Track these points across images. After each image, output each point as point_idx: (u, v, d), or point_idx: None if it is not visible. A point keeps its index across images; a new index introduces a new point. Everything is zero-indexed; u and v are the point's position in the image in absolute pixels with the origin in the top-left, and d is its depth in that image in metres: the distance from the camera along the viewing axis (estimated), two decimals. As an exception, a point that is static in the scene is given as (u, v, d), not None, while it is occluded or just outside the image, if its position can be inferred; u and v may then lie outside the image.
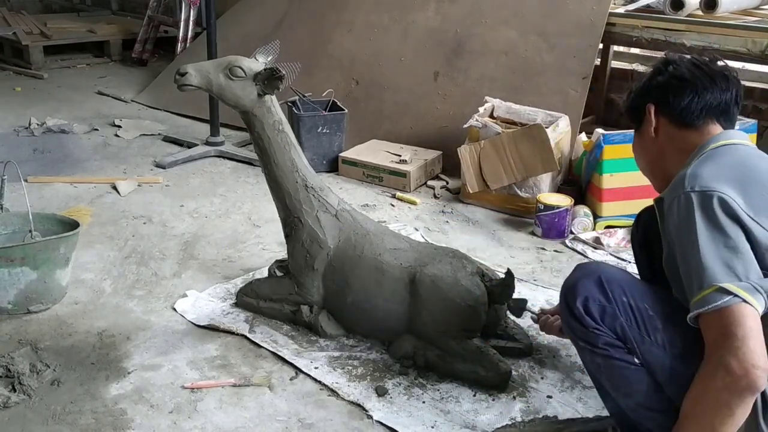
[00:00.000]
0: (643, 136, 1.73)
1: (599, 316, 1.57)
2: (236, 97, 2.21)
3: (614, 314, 1.57)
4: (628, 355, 1.58)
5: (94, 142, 4.36)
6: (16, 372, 2.08)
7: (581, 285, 1.60)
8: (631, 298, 1.57)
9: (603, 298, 1.57)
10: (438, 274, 2.14)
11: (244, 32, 5.06)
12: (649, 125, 1.70)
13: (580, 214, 3.16)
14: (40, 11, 8.00)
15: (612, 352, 1.58)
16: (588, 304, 1.58)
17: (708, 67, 1.66)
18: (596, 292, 1.58)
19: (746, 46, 3.51)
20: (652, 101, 1.69)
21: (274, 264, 2.64)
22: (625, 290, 1.58)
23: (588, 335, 1.59)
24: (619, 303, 1.57)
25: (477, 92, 3.92)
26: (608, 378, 1.64)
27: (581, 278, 1.62)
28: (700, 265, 1.42)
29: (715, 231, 1.43)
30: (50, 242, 2.43)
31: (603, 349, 1.58)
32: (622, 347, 1.58)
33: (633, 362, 1.58)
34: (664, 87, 1.67)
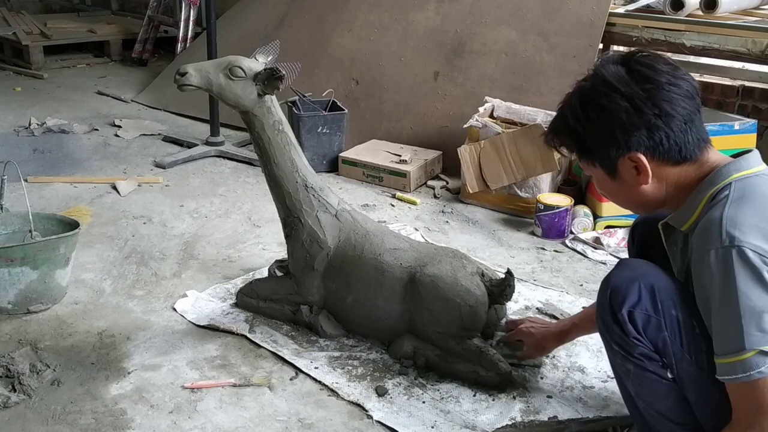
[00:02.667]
0: (628, 183, 1.50)
1: (643, 326, 1.48)
2: (236, 97, 2.21)
3: (660, 327, 1.48)
4: (662, 369, 1.51)
5: (94, 142, 4.36)
6: (16, 372, 2.08)
7: (631, 289, 1.49)
8: (680, 312, 1.47)
9: (652, 308, 1.48)
10: (438, 274, 2.14)
11: (244, 32, 5.06)
12: (638, 176, 1.47)
13: (580, 214, 3.16)
14: (40, 11, 8.01)
15: (646, 364, 1.51)
16: (634, 311, 1.48)
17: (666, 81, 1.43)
18: (646, 300, 1.48)
19: (746, 46, 3.51)
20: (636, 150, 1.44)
21: (274, 264, 2.64)
22: (675, 303, 1.48)
23: (626, 342, 1.51)
24: (666, 316, 1.47)
25: (477, 92, 3.92)
26: (635, 385, 1.58)
27: (632, 281, 1.50)
28: (739, 328, 1.30)
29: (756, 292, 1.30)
30: (50, 242, 2.43)
31: (638, 359, 1.51)
32: (657, 360, 1.50)
33: (666, 377, 1.50)
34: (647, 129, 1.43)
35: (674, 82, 1.43)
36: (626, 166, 1.48)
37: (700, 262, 1.38)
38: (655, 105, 1.42)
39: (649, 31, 3.79)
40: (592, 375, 2.17)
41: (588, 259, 2.94)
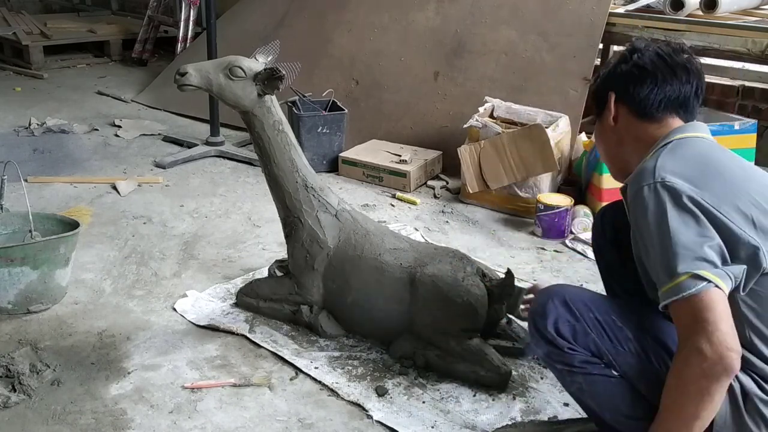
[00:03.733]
0: (603, 123, 1.72)
1: (571, 335, 1.58)
2: (236, 97, 2.21)
3: (585, 331, 1.57)
4: (607, 369, 1.58)
5: (94, 142, 4.36)
6: (16, 372, 2.08)
7: (548, 308, 1.60)
8: (597, 313, 1.58)
9: (571, 317, 1.58)
10: (438, 274, 2.14)
11: (244, 32, 5.06)
12: (608, 113, 1.69)
13: (580, 214, 3.16)
14: (40, 11, 8.00)
15: (590, 369, 1.58)
16: (558, 325, 1.58)
17: (671, 58, 1.63)
18: (564, 312, 1.58)
19: (746, 46, 3.51)
20: (613, 89, 1.68)
21: (274, 264, 2.64)
22: (590, 306, 1.59)
23: (564, 356, 1.59)
24: (587, 319, 1.57)
25: (477, 92, 3.92)
26: (591, 396, 1.64)
27: (546, 302, 1.61)
28: (672, 253, 1.41)
29: (686, 219, 1.42)
30: (50, 242, 2.43)
31: (581, 367, 1.59)
32: (598, 363, 1.58)
33: (612, 375, 1.58)
34: (626, 76, 1.65)
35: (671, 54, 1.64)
36: (606, 107, 1.69)
37: (633, 199, 1.51)
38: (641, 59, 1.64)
39: (649, 31, 3.79)
40: (592, 375, 2.17)
41: (588, 259, 2.94)
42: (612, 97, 1.67)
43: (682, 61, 1.63)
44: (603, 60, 4.19)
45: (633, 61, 1.65)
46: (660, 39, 1.74)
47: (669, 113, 1.63)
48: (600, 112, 1.74)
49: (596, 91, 1.76)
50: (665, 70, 1.62)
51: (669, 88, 1.61)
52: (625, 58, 1.68)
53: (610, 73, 1.70)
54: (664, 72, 1.62)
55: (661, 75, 1.61)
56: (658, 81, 1.61)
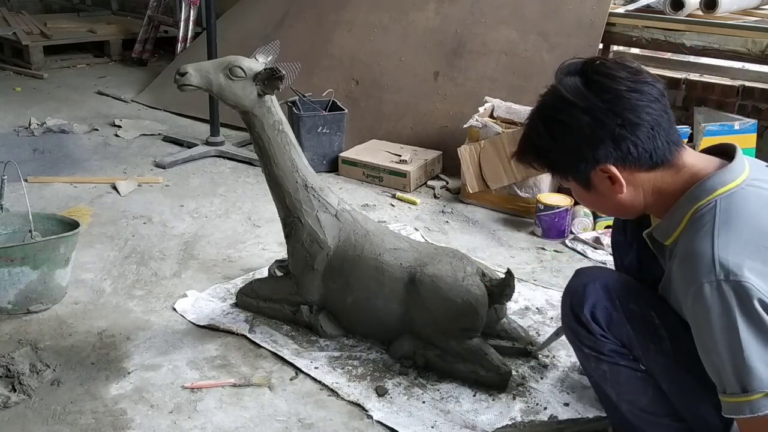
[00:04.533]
0: (604, 194, 1.46)
1: (606, 323, 1.53)
2: (236, 97, 2.21)
3: (621, 321, 1.52)
4: (634, 362, 1.54)
5: (94, 142, 4.36)
6: (16, 372, 2.08)
7: (588, 291, 1.54)
8: (637, 306, 1.52)
9: (610, 304, 1.52)
10: (438, 274, 2.14)
11: (244, 32, 5.06)
12: (613, 186, 1.43)
13: (580, 214, 3.16)
14: (40, 11, 8.00)
15: (618, 360, 1.54)
16: (595, 310, 1.52)
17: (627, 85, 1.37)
18: (604, 299, 1.52)
19: (746, 46, 3.51)
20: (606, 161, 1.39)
21: (274, 264, 2.64)
22: (631, 297, 1.53)
23: (595, 342, 1.55)
24: (625, 310, 1.52)
25: (477, 92, 3.92)
26: (613, 385, 1.60)
27: (588, 284, 1.56)
28: (744, 367, 1.27)
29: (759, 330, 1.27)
30: (50, 242, 2.43)
31: (609, 356, 1.54)
32: (627, 354, 1.54)
33: (639, 369, 1.54)
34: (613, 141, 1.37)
35: (635, 88, 1.37)
36: (599, 178, 1.43)
37: (692, 295, 1.32)
38: (617, 115, 1.36)
39: (649, 31, 3.79)
40: (592, 375, 2.17)
41: (588, 259, 2.94)
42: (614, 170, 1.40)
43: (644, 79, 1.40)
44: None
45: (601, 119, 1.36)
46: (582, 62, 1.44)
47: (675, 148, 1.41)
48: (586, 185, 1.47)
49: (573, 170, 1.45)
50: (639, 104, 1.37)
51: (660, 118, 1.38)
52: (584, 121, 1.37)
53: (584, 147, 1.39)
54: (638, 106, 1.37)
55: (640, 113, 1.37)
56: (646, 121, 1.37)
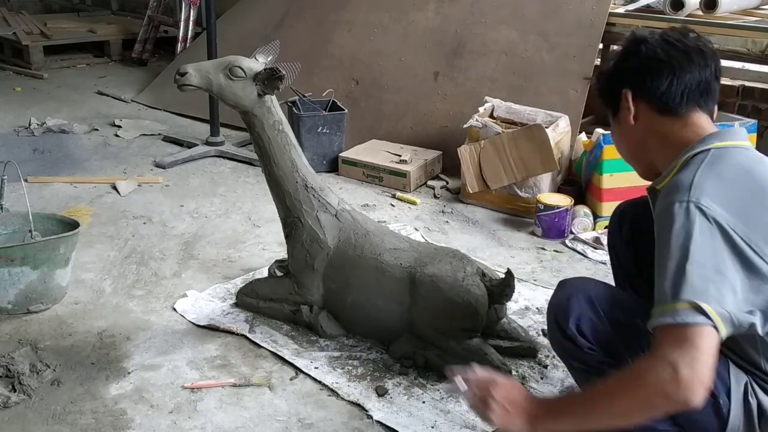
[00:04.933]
0: (621, 123, 1.60)
1: (592, 334, 1.53)
2: (236, 97, 2.21)
3: (607, 332, 1.52)
4: None
5: (94, 142, 4.36)
6: (16, 372, 2.08)
7: (572, 304, 1.54)
8: (623, 315, 1.52)
9: (595, 316, 1.52)
10: (438, 274, 2.14)
11: (244, 32, 5.06)
12: (627, 112, 1.56)
13: (580, 214, 3.16)
14: (40, 11, 8.00)
15: (607, 371, 1.51)
16: (581, 324, 1.52)
17: (682, 44, 1.51)
18: (588, 311, 1.53)
19: (746, 46, 3.51)
20: (627, 86, 1.55)
21: (274, 264, 2.64)
22: (616, 307, 1.53)
23: (582, 356, 1.55)
24: (612, 321, 1.52)
25: (477, 92, 3.92)
26: None
27: (571, 296, 1.56)
28: (683, 275, 1.30)
29: (710, 248, 1.31)
30: (50, 242, 2.43)
31: (597, 368, 1.54)
32: (616, 365, 1.51)
33: None
34: (639, 70, 1.53)
35: (681, 39, 1.52)
36: (622, 106, 1.57)
37: (662, 212, 1.40)
38: (652, 51, 1.52)
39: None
40: (592, 375, 2.17)
41: (588, 259, 2.94)
42: (629, 95, 1.55)
43: (694, 43, 1.52)
44: (603, 60, 4.19)
45: (643, 52, 1.53)
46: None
47: (692, 106, 1.51)
48: (615, 111, 1.62)
49: (605, 89, 1.63)
50: (680, 57, 1.50)
51: (688, 77, 1.50)
52: (632, 51, 1.56)
53: (619, 68, 1.59)
54: (680, 59, 1.50)
55: (677, 63, 1.50)
56: (675, 70, 1.50)
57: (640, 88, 1.54)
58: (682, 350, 1.25)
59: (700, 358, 1.24)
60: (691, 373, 1.23)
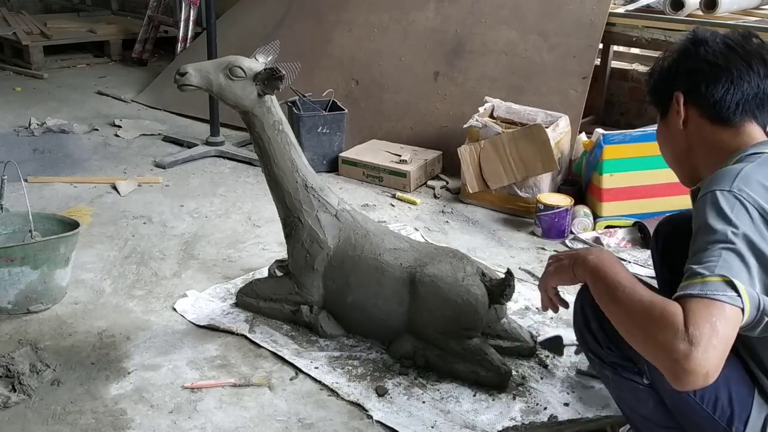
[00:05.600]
0: (669, 125, 1.54)
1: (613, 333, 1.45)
2: (236, 97, 2.21)
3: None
4: (637, 376, 1.51)
5: (94, 142, 4.36)
6: (16, 372, 2.08)
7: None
8: None
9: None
10: (438, 274, 2.14)
11: (244, 32, 5.06)
12: (676, 116, 1.50)
13: (580, 214, 3.16)
14: (40, 11, 8.01)
15: (620, 371, 1.52)
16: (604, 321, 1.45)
17: (743, 49, 1.44)
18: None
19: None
20: (680, 89, 1.49)
21: (274, 264, 2.64)
22: None
23: (599, 351, 1.54)
24: None
25: (477, 92, 3.92)
26: (615, 389, 1.60)
27: None
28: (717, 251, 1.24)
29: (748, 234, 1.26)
30: (50, 242, 2.43)
31: (611, 366, 1.53)
32: (631, 368, 1.50)
33: (641, 382, 1.51)
34: (695, 73, 1.46)
35: (743, 44, 1.46)
36: (672, 108, 1.52)
37: (701, 199, 1.34)
38: (711, 53, 1.46)
39: (649, 31, 3.79)
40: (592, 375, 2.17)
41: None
42: (680, 98, 1.49)
43: (756, 50, 1.45)
44: (603, 60, 4.19)
45: (701, 55, 1.46)
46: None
47: (746, 116, 1.45)
48: (663, 112, 1.56)
49: (656, 89, 1.56)
50: (740, 64, 1.43)
51: (746, 86, 1.43)
52: (689, 52, 1.49)
53: (673, 69, 1.51)
54: (739, 67, 1.43)
55: (736, 71, 1.43)
56: (733, 78, 1.43)
57: (693, 92, 1.48)
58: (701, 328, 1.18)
59: (717, 346, 1.18)
60: (705, 361, 1.16)
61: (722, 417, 1.40)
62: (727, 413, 1.40)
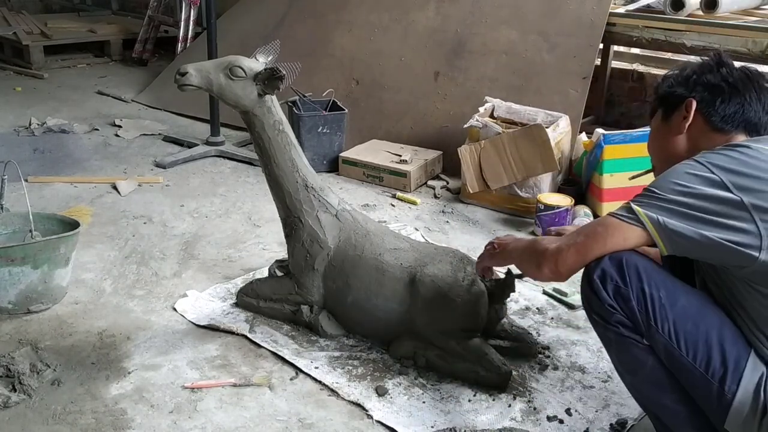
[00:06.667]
0: (671, 126, 1.71)
1: (613, 294, 1.59)
2: (236, 97, 2.21)
3: (627, 297, 1.57)
4: (637, 335, 1.59)
5: (94, 142, 4.36)
6: (16, 372, 2.08)
7: (603, 262, 1.61)
8: (646, 285, 1.57)
9: (619, 278, 1.58)
10: (438, 274, 2.14)
11: (244, 32, 5.06)
12: (682, 119, 1.67)
13: (580, 214, 3.16)
14: (41, 11, 8.01)
15: (622, 331, 1.59)
16: (605, 280, 1.59)
17: (758, 84, 1.65)
18: (614, 272, 1.58)
19: (746, 46, 3.51)
20: (695, 97, 1.66)
21: (274, 264, 2.64)
22: (642, 275, 1.58)
23: (602, 310, 1.61)
24: (633, 287, 1.57)
25: (477, 92, 3.92)
26: (616, 353, 1.66)
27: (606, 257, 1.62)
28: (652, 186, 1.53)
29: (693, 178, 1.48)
30: (50, 242, 2.43)
31: (614, 326, 1.60)
32: (632, 327, 1.59)
33: (641, 342, 1.59)
34: (714, 89, 1.64)
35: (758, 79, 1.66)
36: (680, 113, 1.68)
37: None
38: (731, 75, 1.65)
39: (649, 31, 3.79)
40: (592, 375, 2.17)
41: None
42: (693, 105, 1.65)
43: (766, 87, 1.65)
44: (603, 60, 4.19)
45: (722, 74, 1.65)
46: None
47: (740, 130, 1.64)
48: (667, 113, 1.72)
49: (669, 91, 1.72)
50: (752, 93, 1.63)
51: (752, 113, 1.63)
52: (712, 68, 1.67)
53: (693, 79, 1.68)
54: (752, 95, 1.63)
55: (748, 97, 1.63)
56: (744, 103, 1.62)
57: (707, 103, 1.65)
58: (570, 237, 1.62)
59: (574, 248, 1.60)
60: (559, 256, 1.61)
61: (714, 376, 1.51)
62: (719, 373, 1.50)
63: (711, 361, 1.51)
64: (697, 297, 1.60)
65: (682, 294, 1.58)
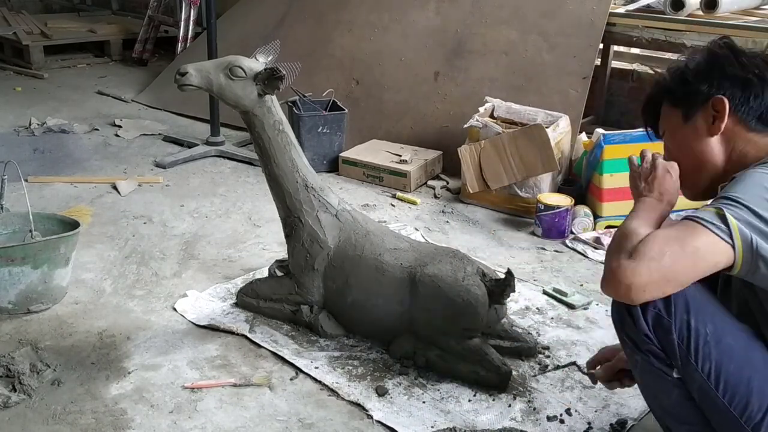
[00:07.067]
0: (697, 128, 1.52)
1: (653, 324, 1.45)
2: (236, 97, 2.21)
3: (668, 329, 1.43)
4: (668, 368, 1.47)
5: (94, 142, 4.36)
6: (16, 372, 2.08)
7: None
8: (693, 318, 1.43)
9: (663, 307, 1.44)
10: (438, 274, 2.14)
11: (244, 32, 5.06)
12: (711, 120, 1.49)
13: (580, 214, 3.16)
14: (41, 11, 8.00)
15: (652, 360, 1.48)
16: (647, 308, 1.45)
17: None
18: (660, 301, 1.43)
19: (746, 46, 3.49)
20: (723, 94, 1.47)
21: (274, 264, 2.64)
22: (690, 306, 1.43)
23: (635, 335, 1.48)
24: (677, 318, 1.43)
25: (477, 92, 3.92)
26: (641, 375, 1.56)
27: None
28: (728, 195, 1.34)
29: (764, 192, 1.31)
30: (50, 242, 2.43)
31: (644, 353, 1.49)
32: (664, 359, 1.47)
33: (671, 375, 1.47)
34: (743, 83, 1.47)
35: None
36: (706, 112, 1.50)
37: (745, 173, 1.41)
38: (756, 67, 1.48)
39: (649, 31, 3.79)
40: (592, 375, 2.17)
41: (588, 259, 2.94)
42: (726, 104, 1.47)
43: None
44: (603, 60, 4.19)
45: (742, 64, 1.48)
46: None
47: None
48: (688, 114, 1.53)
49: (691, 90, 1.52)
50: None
51: None
52: (729, 59, 1.50)
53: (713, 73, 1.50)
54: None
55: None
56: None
57: (742, 101, 1.48)
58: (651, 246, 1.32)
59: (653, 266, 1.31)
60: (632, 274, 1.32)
61: (749, 422, 1.40)
62: (755, 419, 1.39)
63: (748, 406, 1.40)
64: (744, 334, 1.45)
65: (730, 331, 1.44)
